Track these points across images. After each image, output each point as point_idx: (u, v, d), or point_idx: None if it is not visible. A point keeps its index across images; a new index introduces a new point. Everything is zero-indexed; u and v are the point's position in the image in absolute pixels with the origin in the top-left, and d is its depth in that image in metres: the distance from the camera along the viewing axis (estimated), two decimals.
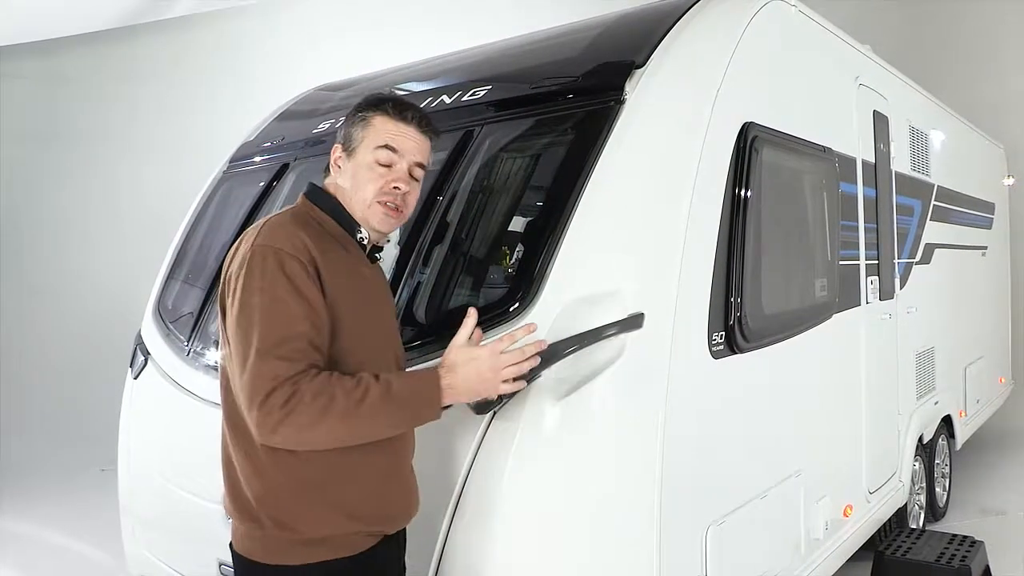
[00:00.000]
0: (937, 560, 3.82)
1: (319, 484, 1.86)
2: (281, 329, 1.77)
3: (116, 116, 9.57)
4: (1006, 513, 5.57)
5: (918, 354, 4.75)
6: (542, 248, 2.43)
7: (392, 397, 1.81)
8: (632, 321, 2.32)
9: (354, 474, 1.89)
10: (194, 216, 4.06)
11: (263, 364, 1.74)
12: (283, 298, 1.78)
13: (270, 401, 1.72)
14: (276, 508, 1.86)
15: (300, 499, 1.86)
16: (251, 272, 1.81)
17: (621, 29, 3.13)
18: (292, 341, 1.77)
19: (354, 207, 2.02)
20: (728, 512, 2.72)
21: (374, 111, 2.03)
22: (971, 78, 8.23)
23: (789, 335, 3.16)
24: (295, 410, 1.72)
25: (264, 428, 1.75)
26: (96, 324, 8.76)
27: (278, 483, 1.86)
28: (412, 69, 3.91)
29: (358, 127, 2.03)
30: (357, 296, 1.94)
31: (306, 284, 1.81)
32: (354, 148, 2.02)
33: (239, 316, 1.80)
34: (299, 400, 1.72)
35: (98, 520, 5.39)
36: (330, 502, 1.87)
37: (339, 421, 1.76)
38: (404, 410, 1.86)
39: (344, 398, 1.75)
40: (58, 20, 9.20)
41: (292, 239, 1.85)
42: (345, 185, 2.03)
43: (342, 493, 1.88)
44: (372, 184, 2.00)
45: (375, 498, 1.94)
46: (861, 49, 4.13)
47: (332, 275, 1.87)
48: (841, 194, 3.63)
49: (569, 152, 2.65)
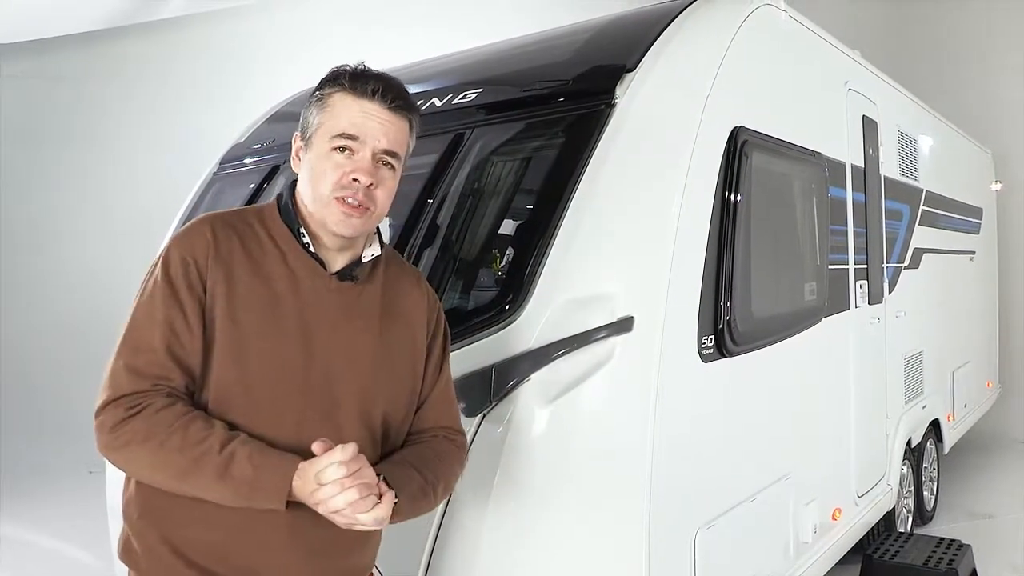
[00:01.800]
0: (925, 564, 3.84)
1: (156, 511, 1.61)
2: (139, 335, 1.57)
3: (108, 116, 9.53)
4: (993, 517, 5.60)
5: (906, 358, 4.77)
6: (532, 251, 2.44)
7: (228, 474, 1.49)
8: (621, 324, 2.32)
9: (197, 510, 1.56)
10: (184, 217, 4.04)
11: (113, 373, 1.56)
12: (152, 303, 1.57)
13: (103, 416, 1.53)
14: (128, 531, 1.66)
15: (140, 523, 1.63)
16: (146, 274, 1.65)
17: (612, 33, 3.14)
18: (144, 351, 1.55)
19: (312, 208, 1.67)
20: (717, 515, 2.72)
21: (331, 87, 1.68)
22: (960, 84, 8.27)
23: (778, 339, 3.17)
24: (124, 444, 1.51)
25: (96, 440, 1.54)
26: (85, 324, 8.69)
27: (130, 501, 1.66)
28: (403, 71, 3.90)
29: (314, 109, 1.68)
30: (267, 316, 1.61)
31: (180, 289, 1.57)
32: (310, 136, 1.68)
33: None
34: (130, 433, 1.50)
35: (86, 522, 5.35)
36: (163, 535, 1.60)
37: (164, 473, 1.52)
38: (237, 492, 1.51)
39: (177, 453, 1.49)
40: (50, 20, 9.16)
41: (192, 239, 1.62)
42: (303, 181, 1.69)
43: (179, 529, 1.60)
44: (328, 177, 1.64)
45: (206, 545, 1.60)
46: (850, 54, 4.15)
47: (231, 287, 1.60)
48: (830, 198, 3.64)
49: (560, 155, 2.66)
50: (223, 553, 1.60)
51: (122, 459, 1.56)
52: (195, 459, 1.49)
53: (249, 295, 1.61)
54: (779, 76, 3.36)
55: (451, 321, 2.48)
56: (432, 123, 3.06)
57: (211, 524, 1.58)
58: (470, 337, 2.38)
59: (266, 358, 1.60)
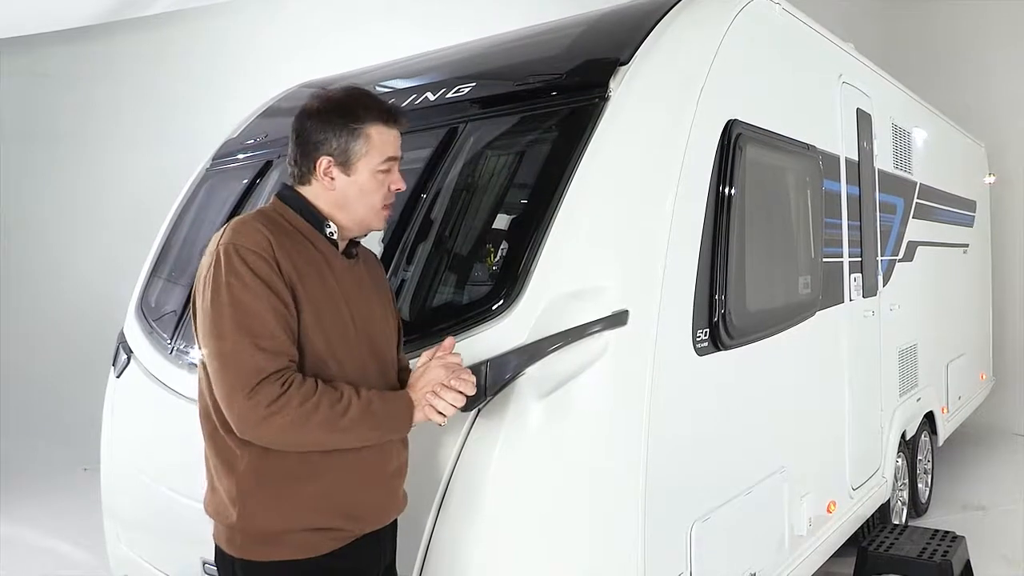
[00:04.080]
0: (919, 555, 3.85)
1: (281, 479, 1.87)
2: (254, 322, 1.78)
3: (98, 113, 9.48)
4: (987, 508, 5.62)
5: (901, 351, 4.78)
6: (526, 245, 2.43)
7: (371, 415, 1.86)
8: (616, 318, 2.32)
9: (316, 471, 1.89)
10: (177, 214, 4.03)
11: (243, 356, 1.76)
12: (253, 293, 1.79)
13: (257, 396, 1.74)
14: (241, 502, 1.87)
15: (261, 493, 1.87)
16: (218, 270, 1.81)
17: (606, 26, 3.13)
18: (267, 335, 1.78)
19: (361, 215, 2.02)
20: (712, 508, 2.73)
21: (368, 121, 1.99)
22: (953, 77, 8.28)
23: (773, 332, 3.17)
24: (281, 411, 1.75)
25: (247, 422, 1.77)
26: (78, 322, 8.69)
27: (243, 477, 1.87)
28: (396, 66, 3.90)
29: (355, 140, 1.97)
30: (325, 293, 1.93)
31: (271, 279, 1.82)
32: (354, 163, 1.98)
33: (212, 313, 1.80)
34: (287, 402, 1.75)
35: (81, 520, 5.35)
36: (288, 497, 1.87)
37: (318, 429, 1.80)
38: (378, 428, 1.91)
39: (328, 409, 1.79)
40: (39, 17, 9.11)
41: (255, 236, 1.85)
42: (341, 199, 1.99)
43: (302, 490, 1.88)
44: (379, 192, 2.01)
45: (337, 497, 1.92)
46: (844, 47, 4.15)
47: (297, 273, 1.87)
48: (824, 192, 3.65)
49: (553, 149, 2.65)
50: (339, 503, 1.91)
51: (275, 429, 1.77)
52: (341, 412, 1.81)
53: (310, 276, 1.90)
54: (773, 69, 3.35)
55: (446, 316, 2.50)
56: (426, 118, 3.07)
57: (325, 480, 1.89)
58: (464, 332, 2.38)
59: (336, 326, 1.93)
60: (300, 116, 2.02)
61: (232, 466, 1.88)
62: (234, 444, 1.86)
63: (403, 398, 1.96)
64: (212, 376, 1.83)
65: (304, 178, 2.01)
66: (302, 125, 2.00)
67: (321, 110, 1.99)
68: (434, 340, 2.34)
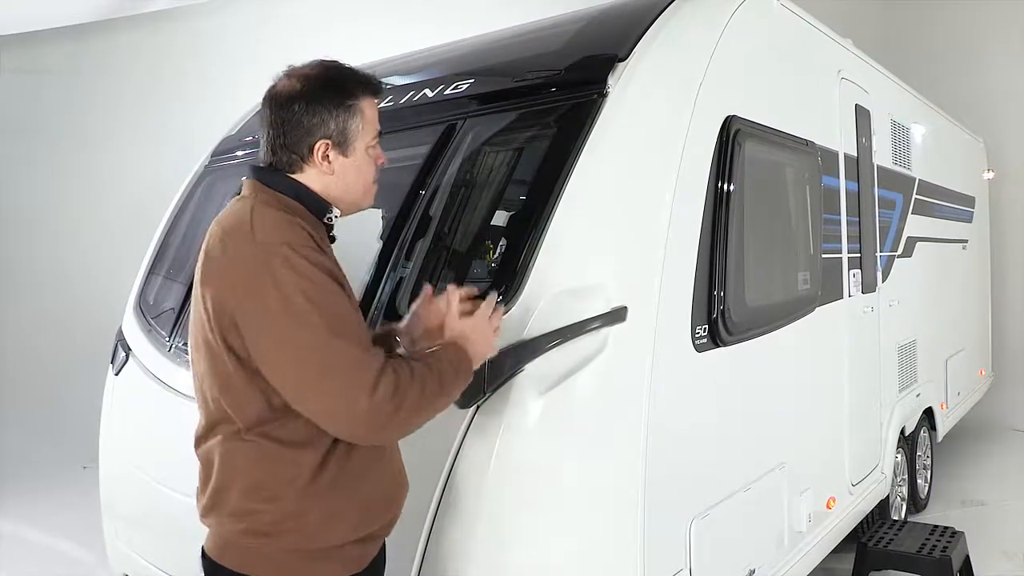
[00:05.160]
0: (919, 551, 3.85)
1: (344, 483, 1.76)
2: (344, 322, 1.68)
3: (97, 109, 9.48)
4: (986, 504, 5.63)
5: (900, 347, 4.78)
6: (525, 242, 2.43)
7: (458, 372, 1.85)
8: (615, 315, 2.32)
9: (365, 469, 1.81)
10: (175, 211, 4.02)
11: (349, 359, 1.65)
12: (328, 291, 1.69)
13: (379, 393, 1.64)
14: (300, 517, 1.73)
15: (325, 503, 1.74)
16: (282, 274, 1.65)
17: (604, 23, 3.13)
18: (360, 331, 1.72)
19: (354, 197, 1.93)
20: (712, 505, 2.73)
21: (361, 96, 1.89)
22: (952, 72, 8.28)
23: (772, 328, 3.17)
24: (404, 400, 1.68)
25: (377, 422, 1.66)
26: (77, 319, 8.69)
27: (309, 487, 1.73)
28: (395, 62, 3.89)
29: (352, 119, 1.86)
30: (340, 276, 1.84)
31: (334, 271, 1.74)
32: (352, 143, 1.87)
33: (291, 322, 1.64)
34: (405, 390, 1.68)
35: (80, 518, 5.34)
36: (348, 503, 1.78)
37: (436, 399, 1.77)
38: (461, 383, 1.87)
39: (433, 382, 1.76)
40: (38, 13, 9.10)
41: (297, 230, 1.73)
42: (340, 182, 1.88)
43: (356, 493, 1.79)
44: (371, 169, 1.94)
45: (379, 496, 1.86)
46: (843, 43, 4.15)
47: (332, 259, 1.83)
48: (823, 188, 3.65)
49: (552, 145, 2.65)
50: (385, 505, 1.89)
51: (403, 419, 1.71)
52: (439, 380, 1.78)
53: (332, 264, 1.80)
54: (771, 65, 3.35)
55: None
56: (424, 114, 3.07)
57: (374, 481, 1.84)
58: None
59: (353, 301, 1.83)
60: (282, 99, 1.86)
61: (290, 478, 1.72)
62: (294, 453, 1.72)
63: (460, 350, 1.91)
64: (302, 391, 1.67)
65: (295, 165, 1.87)
66: (288, 109, 1.84)
67: (310, 90, 1.84)
68: None
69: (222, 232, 1.79)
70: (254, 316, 1.67)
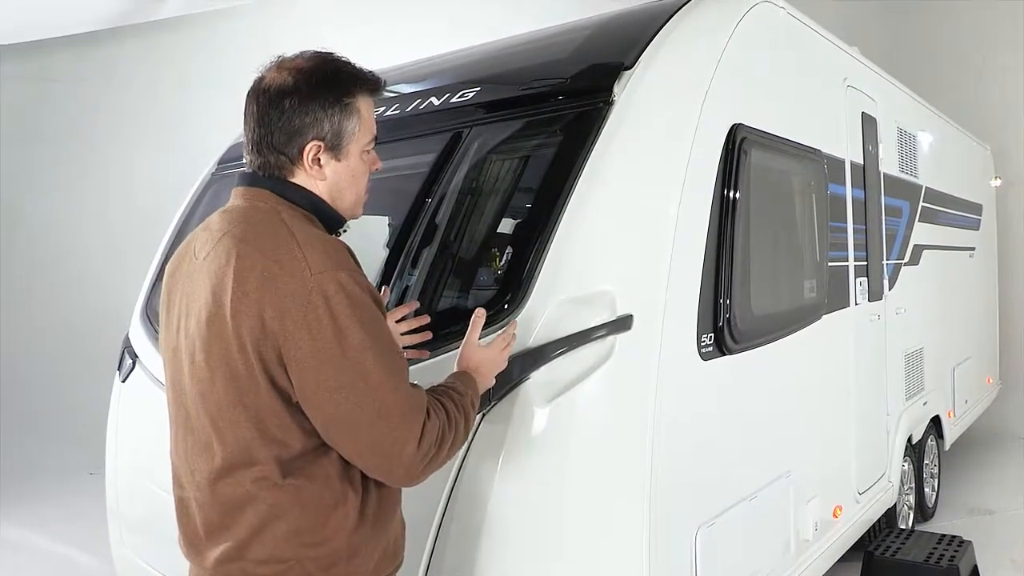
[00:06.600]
0: (926, 560, 3.83)
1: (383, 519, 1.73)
2: (395, 357, 1.61)
3: (105, 117, 9.52)
4: (994, 513, 5.60)
5: (907, 355, 4.77)
6: (531, 250, 2.43)
7: (474, 409, 1.84)
8: (621, 323, 2.32)
9: (396, 506, 1.79)
10: (182, 218, 4.03)
11: (401, 402, 1.58)
12: (380, 323, 1.59)
13: (424, 443, 1.60)
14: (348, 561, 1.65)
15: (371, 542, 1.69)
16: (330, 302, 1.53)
17: (610, 31, 3.13)
18: (402, 359, 1.65)
19: (345, 204, 1.77)
20: (718, 513, 2.72)
21: (359, 94, 1.72)
22: (958, 80, 8.27)
23: (778, 336, 3.16)
24: (443, 447, 1.67)
25: (413, 471, 1.62)
26: (84, 326, 8.71)
27: (357, 529, 1.65)
28: (401, 70, 3.90)
29: (348, 119, 1.70)
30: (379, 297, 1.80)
31: (374, 292, 1.63)
32: (346, 146, 1.71)
33: (345, 362, 1.53)
34: (443, 436, 1.66)
35: (87, 524, 5.35)
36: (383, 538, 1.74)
37: (458, 447, 1.75)
38: (473, 415, 1.85)
39: (462, 423, 1.75)
40: (47, 21, 9.14)
41: (345, 254, 1.61)
42: (334, 189, 1.73)
43: (388, 528, 1.76)
44: (365, 176, 1.79)
45: (398, 530, 1.82)
46: (849, 51, 4.15)
47: None
48: (830, 195, 3.64)
49: (558, 154, 2.65)
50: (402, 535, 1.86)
51: (437, 463, 1.68)
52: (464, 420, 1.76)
53: None
54: (777, 73, 3.35)
55: (450, 320, 2.49)
56: (430, 122, 3.07)
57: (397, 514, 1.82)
58: None
59: None
60: (271, 94, 1.67)
61: (339, 520, 1.63)
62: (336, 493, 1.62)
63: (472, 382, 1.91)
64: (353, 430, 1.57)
65: (284, 168, 1.70)
66: (277, 106, 1.66)
67: (304, 85, 1.66)
68: (438, 345, 2.35)
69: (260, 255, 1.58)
70: (308, 351, 1.52)
